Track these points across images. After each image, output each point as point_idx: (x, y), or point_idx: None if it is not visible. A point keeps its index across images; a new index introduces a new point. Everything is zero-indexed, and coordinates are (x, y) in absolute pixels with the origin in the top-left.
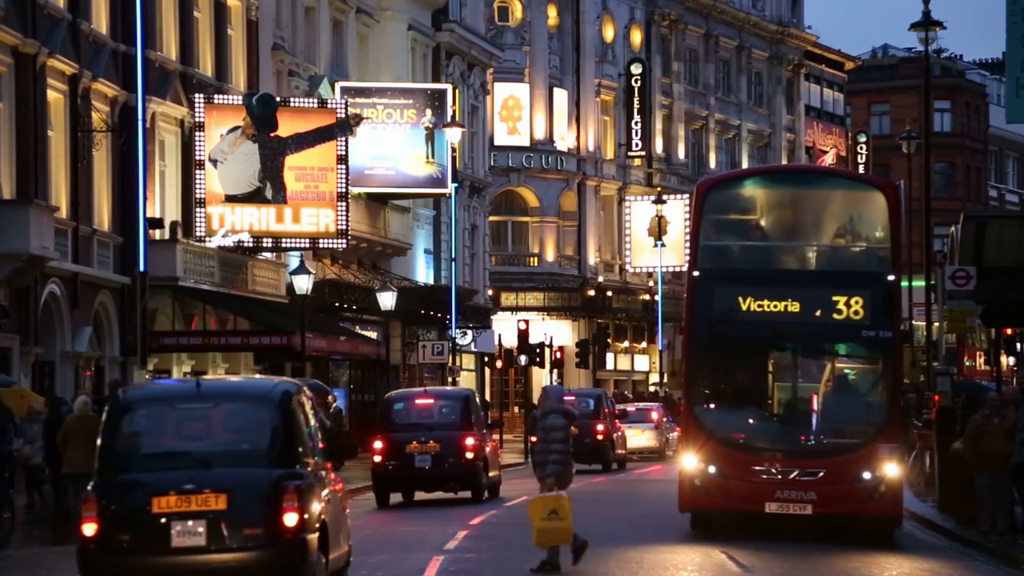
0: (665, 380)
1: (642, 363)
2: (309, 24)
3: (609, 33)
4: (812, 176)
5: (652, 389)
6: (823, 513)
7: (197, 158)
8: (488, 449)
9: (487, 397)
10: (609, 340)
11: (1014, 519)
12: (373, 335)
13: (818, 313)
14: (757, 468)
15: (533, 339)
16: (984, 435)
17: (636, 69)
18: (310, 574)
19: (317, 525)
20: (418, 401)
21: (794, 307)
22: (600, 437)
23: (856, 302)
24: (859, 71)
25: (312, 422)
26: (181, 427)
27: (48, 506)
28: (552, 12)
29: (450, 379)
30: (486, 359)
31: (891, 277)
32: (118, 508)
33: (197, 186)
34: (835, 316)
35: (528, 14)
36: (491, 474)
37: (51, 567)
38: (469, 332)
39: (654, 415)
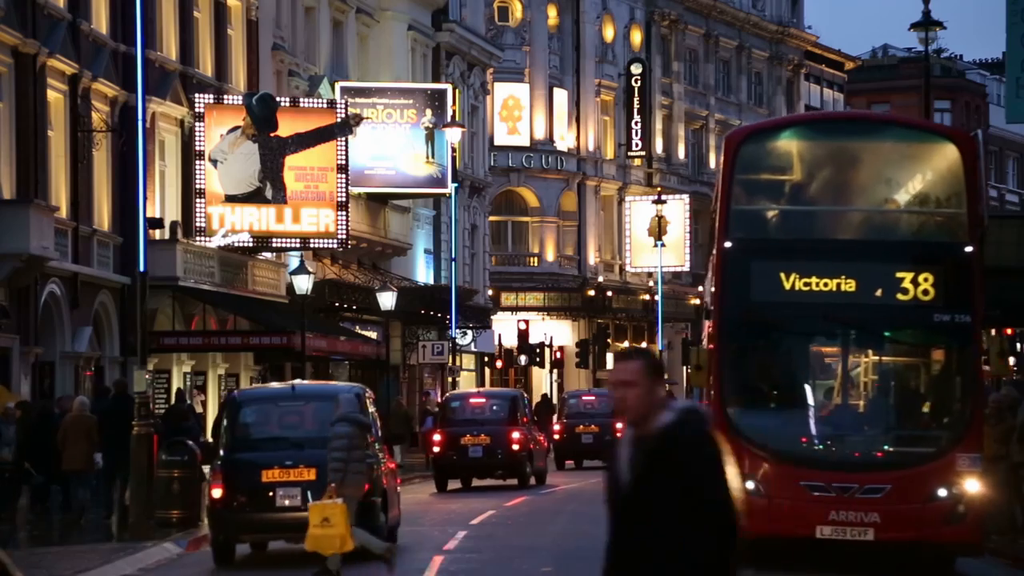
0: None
1: None
2: (309, 24)
3: (609, 33)
4: (868, 125)
5: None
6: (888, 539)
7: (198, 148)
8: (534, 443)
9: None
10: (609, 340)
11: (1014, 519)
12: (373, 335)
13: (878, 293)
14: (807, 484)
15: (533, 339)
16: (986, 435)
17: (636, 69)
18: (376, 529)
19: (381, 492)
20: (472, 400)
21: (848, 285)
22: (619, 436)
23: (925, 279)
24: (859, 71)
25: (374, 415)
26: (282, 419)
27: None
28: (552, 12)
29: (450, 379)
30: (486, 359)
31: (968, 248)
32: (237, 478)
33: (197, 178)
34: (900, 296)
35: (528, 14)
36: (538, 464)
37: (50, 567)
38: (469, 332)
39: None
